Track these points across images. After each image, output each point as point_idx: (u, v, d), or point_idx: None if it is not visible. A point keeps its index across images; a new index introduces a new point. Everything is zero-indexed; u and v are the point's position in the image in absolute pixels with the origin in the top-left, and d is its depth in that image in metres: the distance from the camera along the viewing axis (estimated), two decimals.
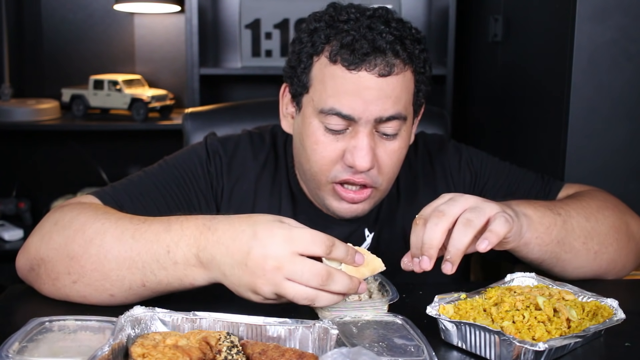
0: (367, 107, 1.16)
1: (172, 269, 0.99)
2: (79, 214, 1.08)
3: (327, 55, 1.18)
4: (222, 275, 0.96)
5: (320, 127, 1.20)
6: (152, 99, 2.82)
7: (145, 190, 1.25)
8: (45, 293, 1.07)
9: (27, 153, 3.11)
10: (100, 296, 1.03)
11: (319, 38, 1.20)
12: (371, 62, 1.15)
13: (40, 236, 1.09)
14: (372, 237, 1.35)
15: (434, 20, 2.93)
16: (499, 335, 0.87)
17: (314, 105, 1.21)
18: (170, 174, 1.30)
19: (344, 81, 1.17)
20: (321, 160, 1.21)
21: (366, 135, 1.18)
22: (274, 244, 0.91)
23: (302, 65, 1.23)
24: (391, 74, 1.17)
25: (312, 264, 0.91)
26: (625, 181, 1.71)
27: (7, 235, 2.84)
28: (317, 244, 0.92)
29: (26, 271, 1.10)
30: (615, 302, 0.98)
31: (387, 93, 1.17)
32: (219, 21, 3.00)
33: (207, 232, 0.97)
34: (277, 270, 0.91)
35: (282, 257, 0.91)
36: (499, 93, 2.27)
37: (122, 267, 1.01)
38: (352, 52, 1.15)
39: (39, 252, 1.07)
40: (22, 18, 3.05)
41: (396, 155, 1.23)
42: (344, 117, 1.17)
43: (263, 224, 0.94)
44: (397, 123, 1.20)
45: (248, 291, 0.94)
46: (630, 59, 1.66)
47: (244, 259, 0.93)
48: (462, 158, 1.41)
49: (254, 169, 1.36)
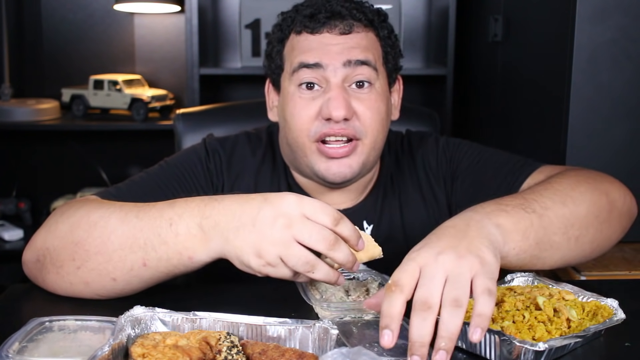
0: (333, 56, 1.24)
1: (172, 242, 0.99)
2: (85, 204, 1.10)
3: (294, 31, 1.29)
4: (225, 241, 0.95)
5: (296, 92, 1.27)
6: (152, 99, 2.82)
7: (148, 190, 1.27)
8: (49, 284, 1.07)
9: (27, 153, 3.11)
10: (103, 280, 1.04)
11: (285, 23, 1.32)
12: (332, 24, 1.26)
13: (47, 228, 1.10)
14: (370, 229, 1.36)
15: (434, 20, 2.93)
16: (499, 335, 0.87)
17: (288, 74, 1.29)
18: (172, 173, 1.32)
19: (309, 42, 1.27)
20: (300, 121, 1.26)
21: (338, 86, 1.24)
22: (284, 203, 0.92)
23: (275, 50, 1.33)
24: (352, 32, 1.26)
25: (321, 227, 0.91)
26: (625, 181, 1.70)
27: (7, 235, 2.84)
28: (326, 213, 0.92)
29: (32, 263, 1.10)
30: (615, 302, 0.98)
31: (351, 45, 1.26)
32: (219, 21, 3.01)
33: (213, 202, 0.98)
34: (286, 229, 0.91)
35: (293, 216, 0.91)
36: (499, 93, 2.27)
37: (124, 246, 1.02)
38: (312, 19, 1.27)
39: (45, 242, 1.08)
40: (22, 18, 3.05)
41: (374, 105, 1.26)
42: (312, 66, 1.24)
43: (274, 193, 0.95)
44: (367, 69, 1.26)
45: (250, 254, 0.93)
46: (630, 59, 1.66)
47: (252, 220, 0.93)
48: (439, 147, 1.43)
49: (253, 166, 1.39)
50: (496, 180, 1.32)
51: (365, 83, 1.26)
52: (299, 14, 1.29)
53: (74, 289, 1.06)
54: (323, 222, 0.92)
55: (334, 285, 0.97)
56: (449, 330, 0.82)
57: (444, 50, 2.68)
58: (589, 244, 1.16)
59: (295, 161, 1.33)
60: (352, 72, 1.25)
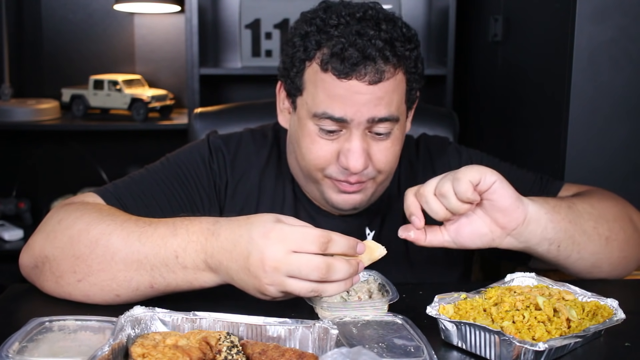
0: (359, 110, 1.18)
1: (181, 273, 1.01)
2: (83, 215, 1.08)
3: (319, 63, 1.20)
4: (231, 279, 0.98)
5: (315, 129, 1.22)
6: (152, 99, 2.82)
7: (148, 188, 1.26)
8: (47, 290, 1.08)
9: (27, 153, 3.11)
10: (106, 296, 1.04)
11: (310, 44, 1.21)
12: (361, 71, 1.17)
13: (45, 234, 1.09)
14: (372, 236, 1.35)
15: (434, 20, 2.93)
16: (499, 335, 0.87)
17: (307, 108, 1.23)
18: (173, 172, 1.30)
19: (335, 88, 1.18)
20: (316, 160, 1.23)
21: (359, 138, 1.20)
22: (268, 245, 0.93)
23: (294, 70, 1.24)
24: (382, 80, 1.18)
25: (308, 259, 0.92)
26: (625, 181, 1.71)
27: (7, 235, 2.84)
28: (312, 241, 0.93)
29: (29, 268, 1.10)
30: (615, 302, 0.98)
31: (378, 97, 1.19)
32: (219, 21, 3.00)
33: (211, 237, 0.99)
34: (276, 271, 0.92)
35: (278, 257, 0.92)
36: (499, 93, 2.27)
37: (130, 268, 1.02)
38: (342, 61, 1.17)
39: (44, 250, 1.07)
40: (22, 18, 3.05)
41: (390, 153, 1.25)
42: (337, 120, 1.19)
43: (258, 227, 0.95)
44: (389, 124, 1.22)
45: (256, 293, 0.96)
46: (630, 59, 1.66)
47: (245, 264, 0.95)
48: (462, 159, 1.42)
49: (257, 166, 1.37)
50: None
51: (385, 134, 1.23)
52: (327, 44, 1.19)
53: (73, 299, 1.05)
54: (311, 251, 0.93)
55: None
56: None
57: (444, 50, 2.68)
58: (618, 250, 1.21)
59: (304, 180, 1.31)
60: (374, 126, 1.21)
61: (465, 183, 1.03)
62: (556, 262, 1.19)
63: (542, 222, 1.12)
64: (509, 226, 1.10)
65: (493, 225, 1.11)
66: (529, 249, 1.15)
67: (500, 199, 1.08)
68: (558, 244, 1.15)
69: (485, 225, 1.11)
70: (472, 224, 1.12)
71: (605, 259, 1.21)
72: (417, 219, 1.09)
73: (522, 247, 1.15)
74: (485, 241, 1.12)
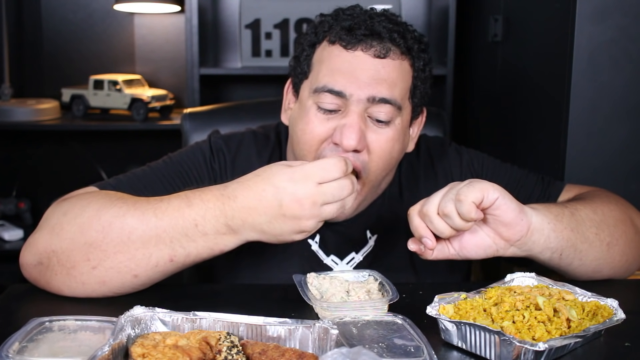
0: (360, 86, 1.19)
1: (202, 241, 1.04)
2: (90, 203, 1.09)
3: (328, 39, 1.25)
4: (260, 232, 1.04)
5: (313, 107, 1.23)
6: (152, 99, 2.82)
7: (149, 184, 1.26)
8: (55, 285, 1.07)
9: (27, 153, 3.11)
10: (124, 278, 1.05)
11: (322, 28, 1.26)
12: (368, 42, 1.20)
13: (49, 229, 1.08)
14: (374, 240, 1.35)
15: (434, 20, 2.93)
16: (499, 335, 0.87)
17: (309, 87, 1.25)
18: (175, 170, 1.31)
19: (340, 59, 1.21)
20: (310, 139, 1.23)
21: (357, 114, 1.20)
22: (298, 187, 1.01)
23: (304, 53, 1.28)
24: (387, 57, 1.20)
25: (338, 184, 1.02)
26: (625, 181, 1.71)
27: (7, 235, 2.84)
28: (334, 169, 1.02)
29: (32, 266, 1.09)
30: (615, 302, 0.98)
31: (381, 76, 1.20)
32: (219, 21, 3.00)
33: (228, 201, 1.03)
34: (314, 205, 1.01)
35: (313, 193, 1.01)
36: (499, 93, 2.27)
37: (148, 245, 1.03)
38: (350, 32, 1.21)
39: (50, 244, 1.07)
40: (22, 18, 3.05)
41: (388, 145, 1.22)
42: (336, 93, 1.20)
43: (278, 176, 1.02)
44: (390, 109, 1.21)
45: (293, 234, 1.04)
46: (630, 59, 1.66)
47: (279, 211, 1.01)
48: (463, 161, 1.41)
49: (258, 166, 1.34)
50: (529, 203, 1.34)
51: (384, 122, 1.22)
52: (338, 22, 1.24)
53: (86, 289, 1.05)
54: (336, 177, 1.02)
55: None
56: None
57: (444, 50, 2.68)
58: (620, 255, 1.21)
59: None
60: (374, 107, 1.20)
61: (468, 205, 1.03)
62: (558, 268, 1.20)
63: (545, 232, 1.12)
64: (513, 238, 1.10)
65: (497, 237, 1.11)
66: (531, 257, 1.16)
67: (503, 214, 1.07)
68: (560, 252, 1.15)
69: (490, 238, 1.11)
70: (476, 237, 1.12)
71: (607, 264, 1.21)
72: (429, 241, 1.08)
73: (524, 255, 1.15)
74: (489, 252, 1.13)
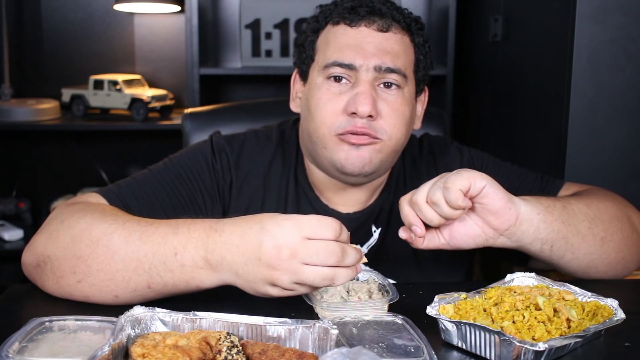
0: (367, 57, 1.24)
1: (178, 272, 1.00)
2: (85, 215, 1.08)
3: (331, 22, 1.30)
4: (235, 275, 0.97)
5: (324, 84, 1.26)
6: (152, 99, 2.82)
7: (151, 189, 1.26)
8: (48, 290, 1.08)
9: (27, 153, 3.11)
10: (105, 297, 1.04)
11: (323, 15, 1.32)
12: (370, 18, 1.27)
13: (48, 234, 1.09)
14: (379, 233, 1.35)
15: (434, 20, 2.93)
16: (499, 335, 0.87)
17: (318, 68, 1.29)
18: (176, 173, 1.30)
19: (346, 36, 1.27)
20: (325, 113, 1.25)
21: (367, 82, 1.24)
22: (283, 233, 0.93)
23: (308, 40, 1.33)
24: (389, 31, 1.27)
25: (325, 243, 0.93)
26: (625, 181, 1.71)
27: (7, 235, 2.83)
28: (326, 227, 0.94)
29: (32, 267, 1.10)
30: (615, 302, 0.98)
31: (385, 48, 1.26)
32: (219, 21, 3.00)
33: (214, 234, 0.98)
34: (292, 258, 0.92)
35: (295, 243, 0.92)
36: (499, 93, 2.27)
37: (128, 268, 1.01)
38: (352, 10, 1.27)
39: (46, 249, 1.07)
40: (22, 18, 3.05)
41: (400, 107, 1.26)
42: (346, 66, 1.24)
43: (269, 219, 0.95)
44: (397, 76, 1.25)
45: (265, 285, 0.95)
46: (630, 59, 1.66)
47: (256, 254, 0.93)
48: (463, 158, 1.43)
49: (261, 165, 1.37)
50: None
51: (394, 85, 1.26)
52: (339, 7, 1.30)
53: (74, 299, 1.05)
54: (326, 237, 0.93)
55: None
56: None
57: (444, 50, 2.68)
58: (615, 251, 1.21)
59: (314, 152, 1.30)
60: (382, 75, 1.25)
61: (455, 192, 1.05)
62: (550, 261, 1.20)
63: (535, 223, 1.13)
64: (501, 227, 1.12)
65: (486, 226, 1.12)
66: (521, 247, 1.16)
67: (491, 202, 1.09)
68: (551, 244, 1.16)
69: (478, 227, 1.13)
70: (465, 226, 1.13)
71: (601, 260, 1.21)
72: (418, 229, 1.11)
73: (515, 246, 1.16)
74: (479, 242, 1.14)
